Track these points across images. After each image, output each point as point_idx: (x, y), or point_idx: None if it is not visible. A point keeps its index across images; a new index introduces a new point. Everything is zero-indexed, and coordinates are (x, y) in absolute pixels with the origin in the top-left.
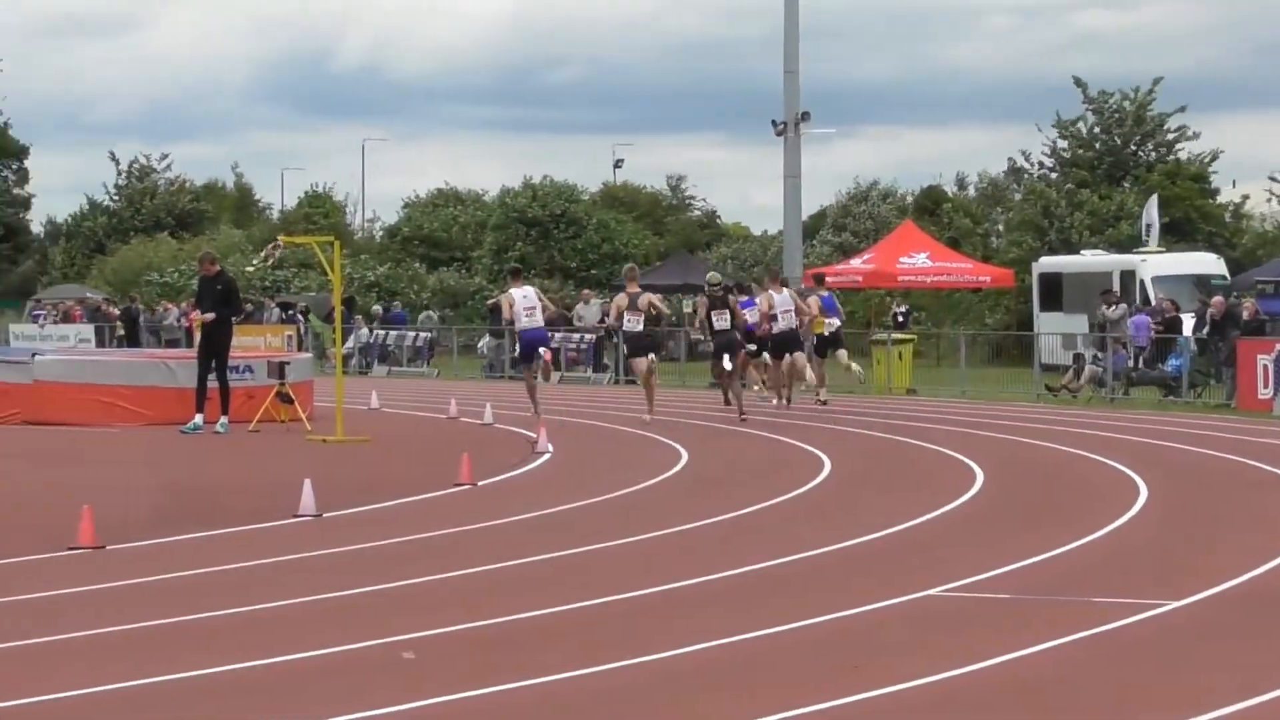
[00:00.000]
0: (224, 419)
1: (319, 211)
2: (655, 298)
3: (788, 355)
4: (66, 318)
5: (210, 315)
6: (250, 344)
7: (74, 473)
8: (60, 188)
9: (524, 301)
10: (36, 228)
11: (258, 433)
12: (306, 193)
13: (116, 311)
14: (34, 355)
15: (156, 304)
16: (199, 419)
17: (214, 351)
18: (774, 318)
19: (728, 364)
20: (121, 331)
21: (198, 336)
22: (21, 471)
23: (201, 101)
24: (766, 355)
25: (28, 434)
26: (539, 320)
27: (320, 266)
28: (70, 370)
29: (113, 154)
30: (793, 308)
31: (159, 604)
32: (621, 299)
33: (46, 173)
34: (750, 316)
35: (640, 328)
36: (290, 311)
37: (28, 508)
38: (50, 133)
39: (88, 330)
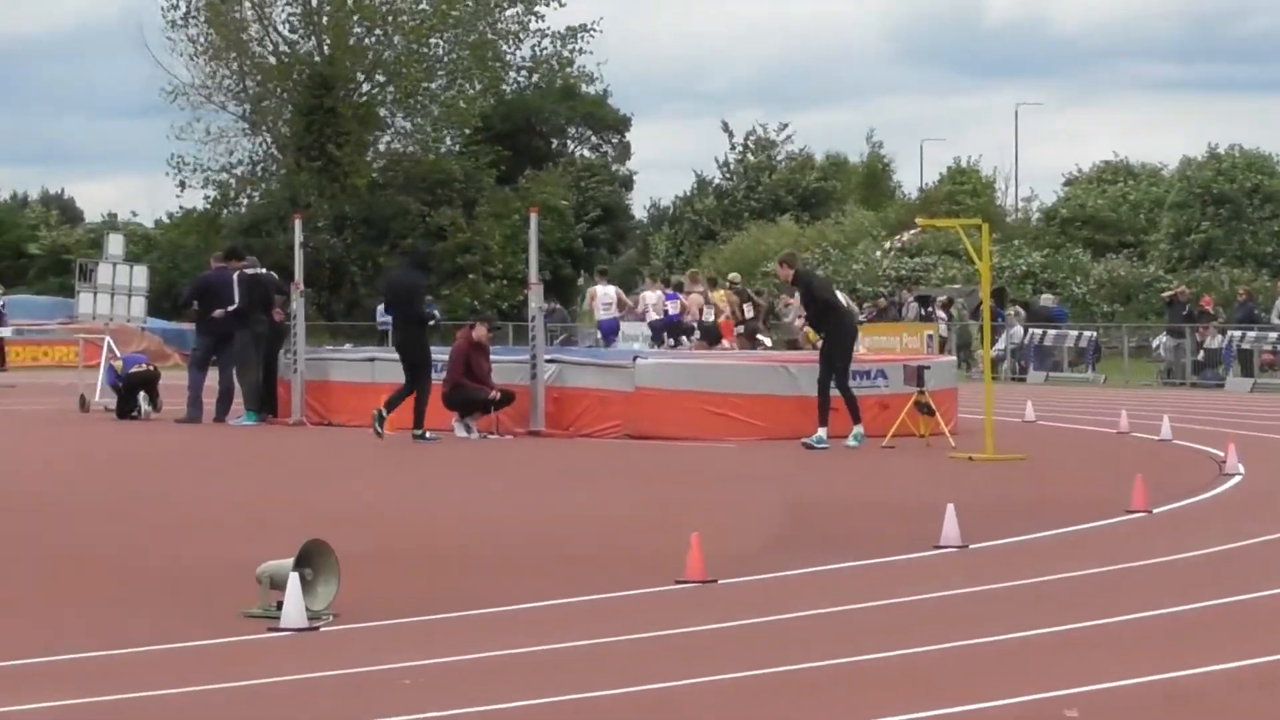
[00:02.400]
0: (858, 428)
1: (963, 189)
2: None
3: None
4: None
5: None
6: (884, 345)
7: (680, 494)
8: (665, 164)
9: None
10: (639, 211)
11: (892, 449)
12: (949, 167)
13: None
14: (635, 358)
15: (775, 299)
16: (822, 432)
17: (828, 358)
18: None
19: None
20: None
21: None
22: (626, 492)
23: (827, 64)
24: None
25: (629, 450)
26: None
27: (965, 253)
28: (676, 375)
29: (725, 125)
30: None
31: (771, 647)
32: None
33: (650, 148)
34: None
35: None
36: (930, 307)
37: (631, 533)
38: (654, 102)
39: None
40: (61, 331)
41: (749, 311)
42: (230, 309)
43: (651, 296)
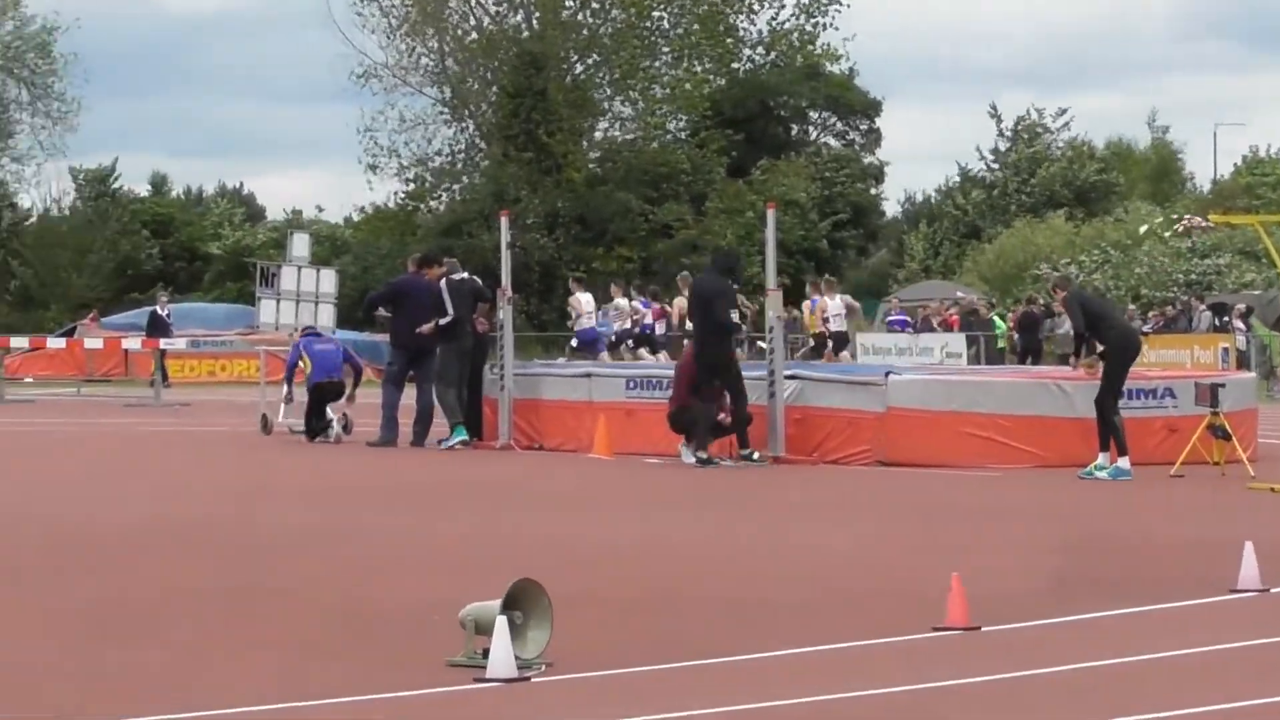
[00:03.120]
0: (1108, 458)
1: (1265, 181)
2: None
3: None
4: (928, 324)
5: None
6: (1173, 360)
7: (939, 529)
8: (921, 155)
9: None
10: (892, 207)
11: (1181, 477)
12: (1246, 156)
13: (993, 316)
14: (888, 374)
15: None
16: (1103, 458)
17: (1108, 376)
18: None
19: None
20: (1002, 344)
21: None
22: (876, 527)
23: (1108, 38)
24: None
25: (881, 478)
26: None
27: (1265, 255)
28: (934, 394)
29: (993, 109)
30: None
31: (1040, 702)
32: None
33: (903, 136)
34: None
35: None
36: (1225, 317)
37: (882, 573)
38: (907, 84)
39: (957, 341)
40: (240, 343)
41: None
42: (442, 321)
43: (623, 304)
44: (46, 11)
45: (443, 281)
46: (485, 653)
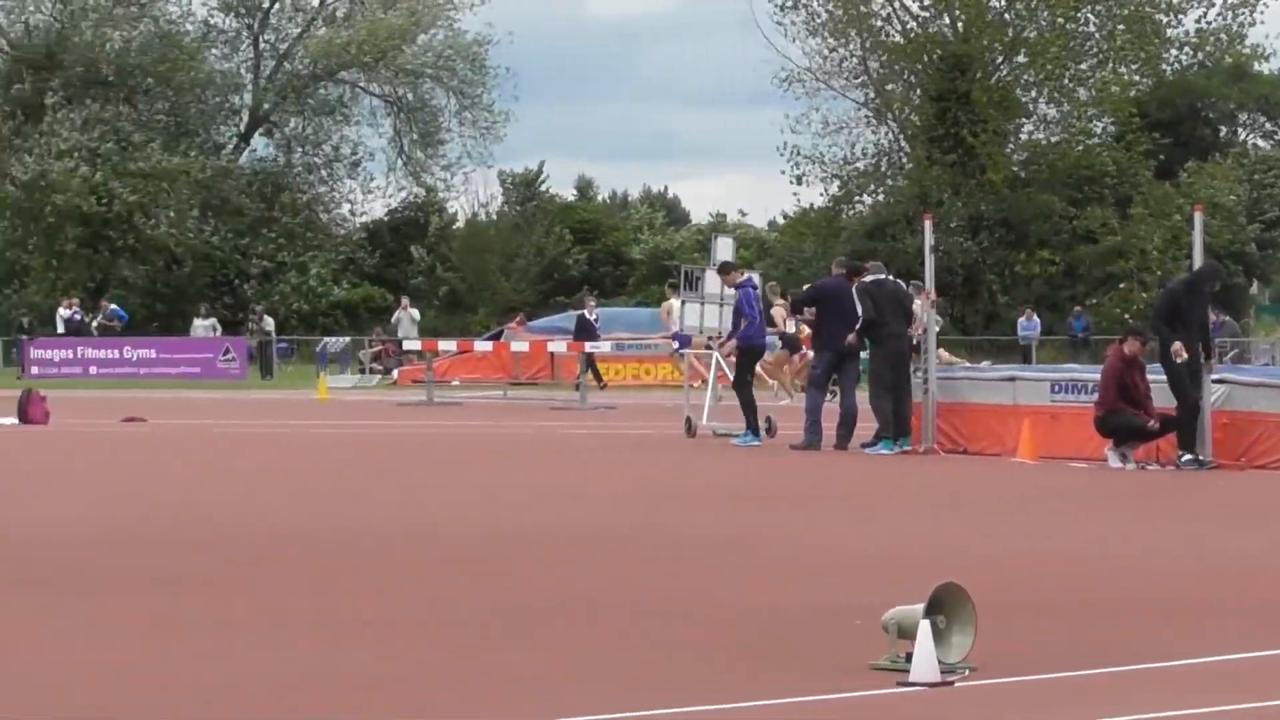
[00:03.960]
0: None
1: None
2: None
3: None
4: None
5: None
6: None
7: None
8: None
9: None
10: None
11: None
12: None
13: None
14: None
15: None
16: None
17: None
18: None
19: None
20: None
21: None
22: None
23: None
24: None
25: None
26: None
27: None
28: None
29: None
30: None
31: None
32: None
33: None
34: None
35: None
36: None
37: None
38: None
39: None
40: (665, 346)
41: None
42: (857, 326)
43: (677, 306)
44: (479, 25)
45: (854, 285)
46: (908, 657)
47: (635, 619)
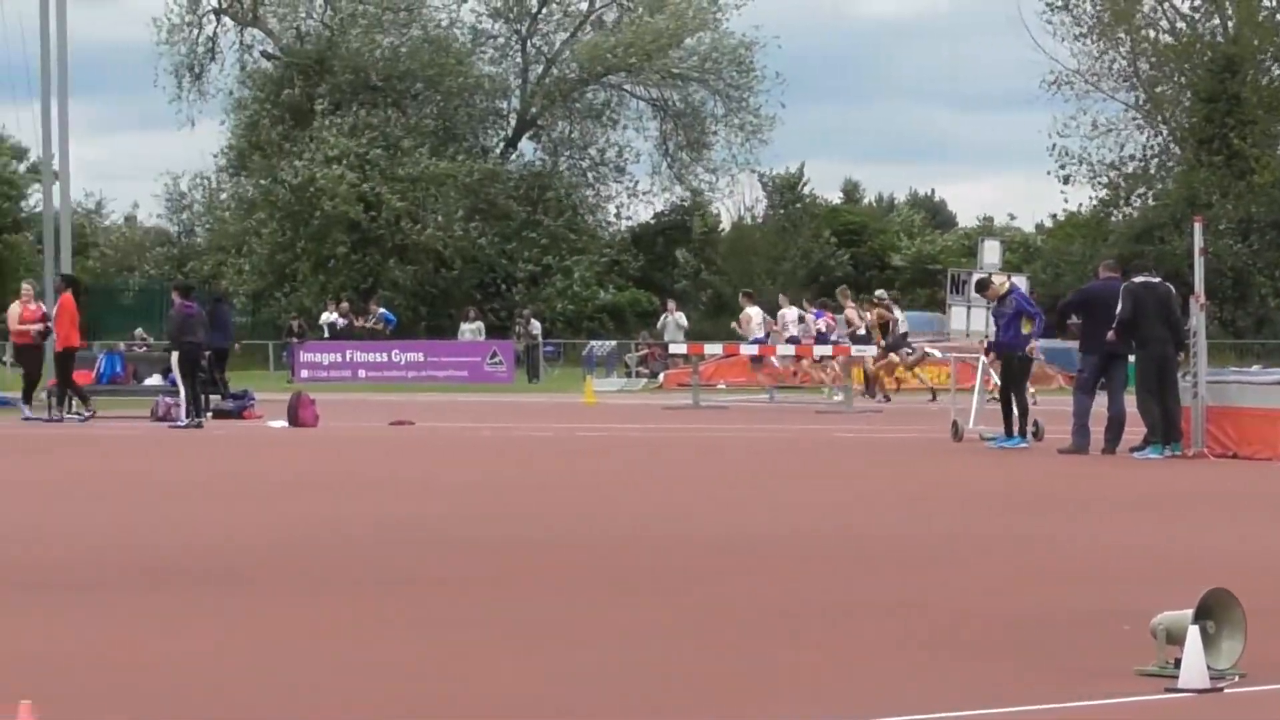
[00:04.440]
0: None
1: None
2: None
3: None
4: None
5: None
6: None
7: None
8: None
9: None
10: None
11: None
12: None
13: None
14: None
15: None
16: None
17: None
18: None
19: None
20: None
21: None
22: None
23: None
24: None
25: None
26: None
27: None
28: None
29: None
30: None
31: None
32: None
33: None
34: None
35: None
36: None
37: None
38: None
39: None
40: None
41: (903, 326)
42: (1115, 326)
43: (790, 314)
44: (745, 26)
45: (1123, 285)
46: (1176, 663)
47: (905, 622)
